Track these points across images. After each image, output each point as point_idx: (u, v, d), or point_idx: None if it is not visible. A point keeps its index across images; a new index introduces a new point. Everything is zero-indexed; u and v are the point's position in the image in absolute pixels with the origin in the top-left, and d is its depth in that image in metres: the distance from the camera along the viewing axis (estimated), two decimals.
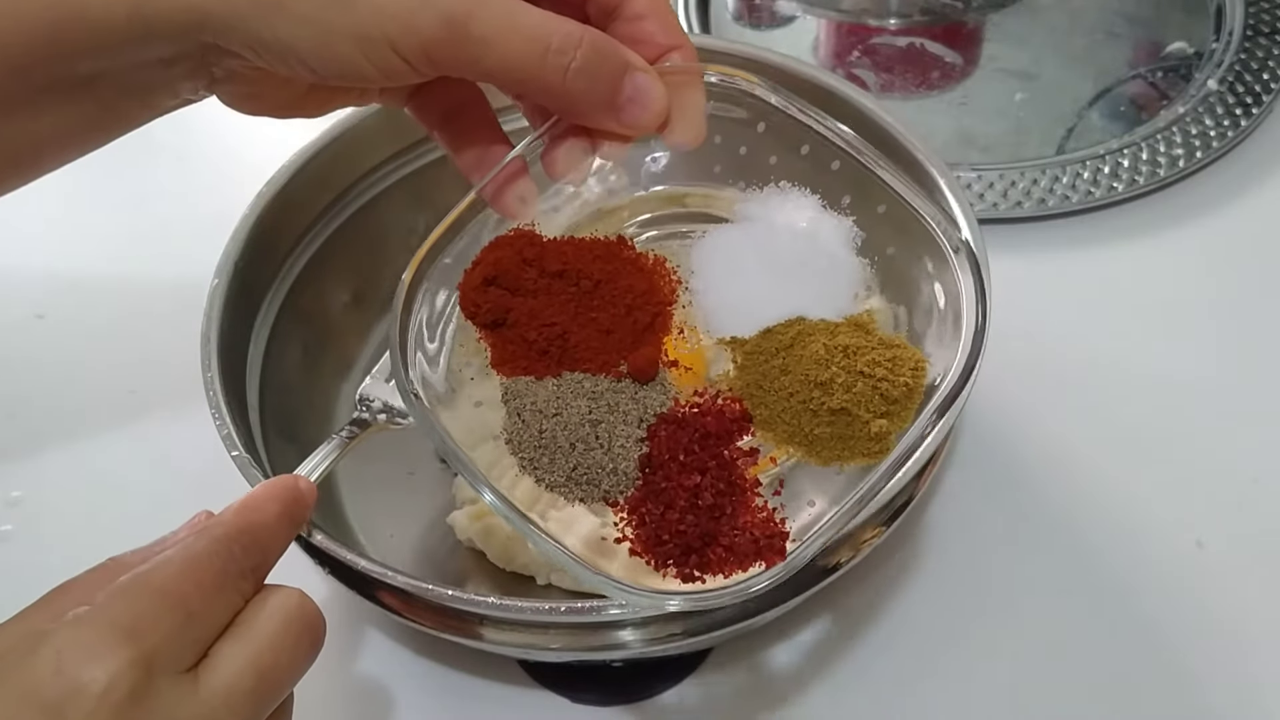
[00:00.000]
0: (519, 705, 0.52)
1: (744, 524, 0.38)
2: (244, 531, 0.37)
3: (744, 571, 0.37)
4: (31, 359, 0.68)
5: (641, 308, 0.42)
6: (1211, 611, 0.53)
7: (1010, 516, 0.57)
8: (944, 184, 0.55)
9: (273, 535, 0.38)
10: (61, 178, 0.47)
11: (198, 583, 0.35)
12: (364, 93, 0.44)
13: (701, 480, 0.38)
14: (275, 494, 0.39)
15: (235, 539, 0.37)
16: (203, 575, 0.35)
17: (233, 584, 0.36)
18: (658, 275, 0.42)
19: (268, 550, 0.38)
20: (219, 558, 0.36)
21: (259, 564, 0.37)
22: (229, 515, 0.38)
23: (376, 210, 0.63)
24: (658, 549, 0.38)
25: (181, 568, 0.35)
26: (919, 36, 0.84)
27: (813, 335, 0.40)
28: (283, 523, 0.39)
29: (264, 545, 0.38)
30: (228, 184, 0.61)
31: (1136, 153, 0.71)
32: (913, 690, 0.52)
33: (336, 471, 0.58)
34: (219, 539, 0.36)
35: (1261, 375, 0.62)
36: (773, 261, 0.42)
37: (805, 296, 0.41)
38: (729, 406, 0.40)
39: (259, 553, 0.37)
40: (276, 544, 0.39)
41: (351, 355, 0.63)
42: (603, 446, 0.39)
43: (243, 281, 0.54)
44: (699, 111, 0.41)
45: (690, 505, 0.38)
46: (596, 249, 0.42)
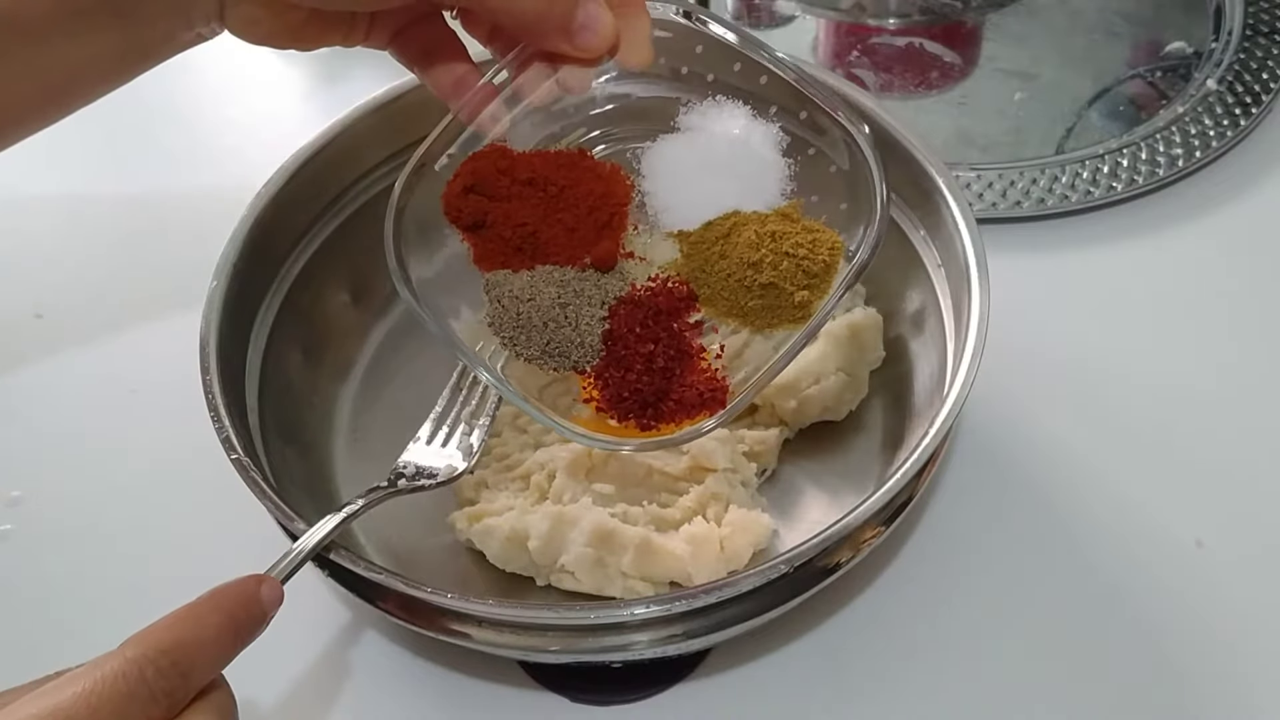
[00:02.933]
0: (519, 706, 0.52)
1: (691, 382, 0.45)
2: (166, 652, 0.34)
3: (692, 420, 0.45)
4: (31, 359, 0.68)
5: (601, 208, 0.48)
6: (1211, 611, 0.53)
7: (1010, 516, 0.57)
8: (943, 184, 0.55)
9: (204, 654, 0.36)
10: (62, 178, 0.47)
11: (93, 710, 0.32)
12: (352, 31, 0.48)
13: (655, 349, 0.45)
14: (221, 604, 0.37)
15: (153, 660, 0.34)
16: (103, 704, 0.33)
17: (140, 711, 0.34)
18: (614, 180, 0.48)
19: (193, 672, 0.35)
20: (126, 682, 0.33)
21: (178, 688, 0.35)
22: (158, 629, 0.35)
23: (376, 210, 0.62)
24: (619, 405, 0.45)
25: (82, 694, 0.33)
26: (918, 36, 0.84)
27: (746, 224, 0.47)
28: (222, 640, 0.36)
29: (188, 667, 0.35)
30: (227, 184, 0.62)
31: (1136, 152, 0.71)
32: (913, 690, 0.52)
33: (335, 475, 0.58)
34: (130, 660, 0.34)
35: (1261, 375, 0.62)
36: (712, 164, 0.48)
37: (740, 193, 0.48)
38: (677, 287, 0.47)
39: (178, 676, 0.35)
40: (207, 664, 0.36)
41: (351, 356, 0.63)
42: (570, 324, 0.46)
43: (241, 283, 0.54)
44: (645, 37, 0.46)
45: (646, 369, 0.45)
46: (560, 159, 0.48)
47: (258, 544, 0.52)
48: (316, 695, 0.53)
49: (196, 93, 0.85)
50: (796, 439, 0.59)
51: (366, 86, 0.62)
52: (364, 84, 0.62)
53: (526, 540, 0.52)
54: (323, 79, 0.86)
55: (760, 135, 0.48)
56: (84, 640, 0.38)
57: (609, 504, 0.54)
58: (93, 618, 0.55)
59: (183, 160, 0.79)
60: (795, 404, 0.57)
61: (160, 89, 0.86)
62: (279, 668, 0.54)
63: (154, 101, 0.84)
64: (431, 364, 0.63)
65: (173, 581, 0.56)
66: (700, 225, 0.48)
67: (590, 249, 0.47)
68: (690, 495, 0.54)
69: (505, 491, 0.55)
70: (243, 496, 0.47)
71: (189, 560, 0.57)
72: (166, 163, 0.79)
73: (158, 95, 0.84)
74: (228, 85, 0.86)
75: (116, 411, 0.65)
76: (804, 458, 0.58)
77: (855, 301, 0.61)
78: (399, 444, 0.59)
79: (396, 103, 0.61)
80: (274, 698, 0.53)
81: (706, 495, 0.54)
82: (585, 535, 0.51)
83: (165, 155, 0.80)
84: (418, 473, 0.49)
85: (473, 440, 0.50)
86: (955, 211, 0.54)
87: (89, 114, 0.49)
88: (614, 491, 0.54)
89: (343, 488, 0.57)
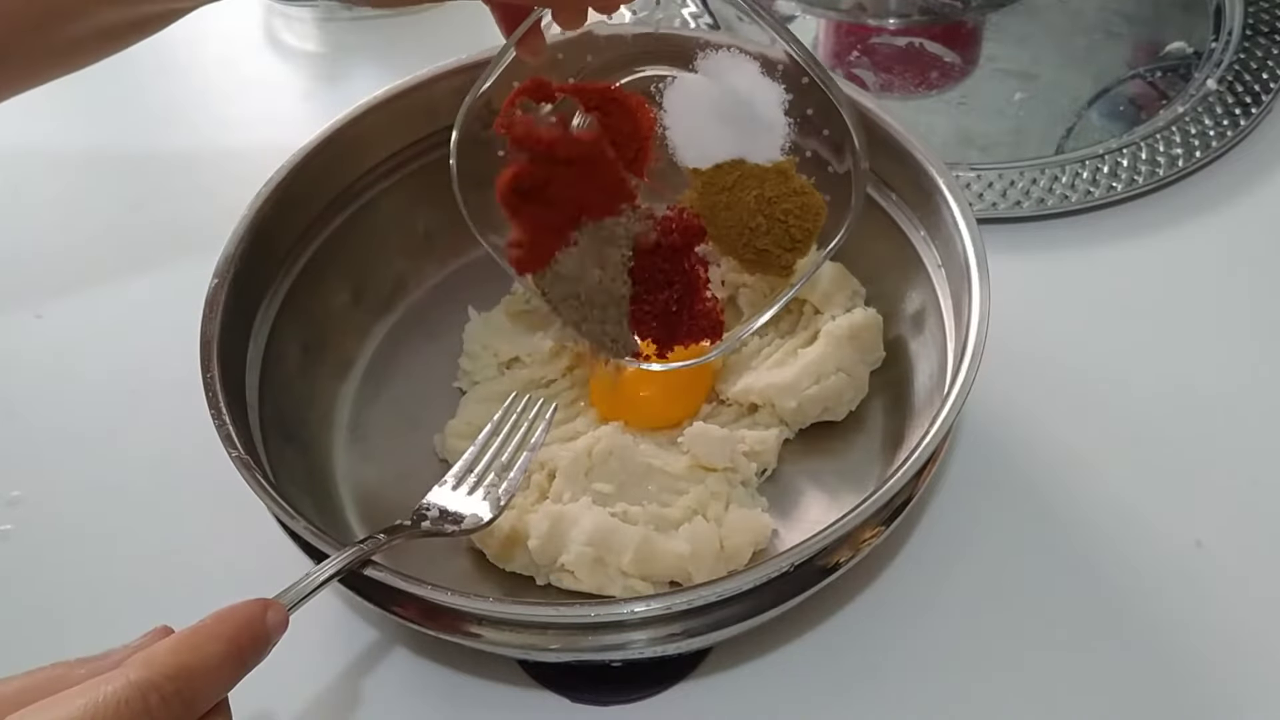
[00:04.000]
0: (519, 705, 0.52)
1: (697, 311, 0.51)
2: (169, 678, 0.33)
3: (697, 344, 0.52)
4: (31, 359, 0.68)
5: (628, 144, 0.51)
6: (1211, 611, 0.53)
7: (1009, 516, 0.57)
8: (943, 184, 0.55)
9: (207, 681, 0.35)
10: (61, 178, 0.47)
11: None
12: None
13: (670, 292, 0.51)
14: (225, 631, 0.36)
15: (157, 686, 0.33)
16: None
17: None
18: (640, 112, 0.51)
19: (196, 699, 0.34)
20: (129, 707, 0.32)
21: (181, 715, 0.34)
22: (162, 652, 0.34)
23: (376, 210, 0.63)
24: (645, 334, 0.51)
25: (79, 715, 0.32)
26: (918, 36, 0.84)
27: (747, 184, 0.51)
28: (225, 667, 0.35)
29: (192, 694, 0.34)
30: (228, 184, 0.62)
31: (1136, 152, 0.71)
32: (912, 690, 0.52)
33: (335, 473, 0.58)
34: (133, 684, 0.33)
35: (1261, 375, 0.62)
36: (725, 111, 0.51)
37: (747, 143, 0.51)
38: (691, 220, 0.51)
39: (182, 703, 0.34)
40: (210, 691, 0.35)
41: (351, 354, 0.63)
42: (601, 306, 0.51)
43: (242, 282, 0.54)
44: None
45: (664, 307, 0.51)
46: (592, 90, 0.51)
47: (257, 543, 0.52)
48: (315, 693, 0.53)
49: (197, 93, 0.86)
50: (796, 439, 0.59)
51: (366, 86, 0.62)
52: (364, 84, 0.62)
53: (526, 539, 0.52)
54: (323, 79, 0.86)
55: (768, 91, 0.50)
56: (84, 640, 0.38)
57: (609, 503, 0.54)
58: (93, 618, 0.55)
59: (183, 160, 0.79)
60: (795, 404, 0.57)
61: (161, 89, 0.86)
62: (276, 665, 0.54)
63: (154, 101, 0.84)
64: (432, 363, 0.63)
65: (173, 581, 0.56)
66: (710, 166, 0.51)
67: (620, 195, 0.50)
68: (690, 495, 0.54)
69: None
70: (243, 495, 0.47)
71: (189, 559, 0.57)
72: (167, 162, 0.79)
73: (158, 95, 0.85)
74: (228, 85, 0.86)
75: (116, 411, 0.65)
76: (804, 458, 0.58)
77: (855, 301, 0.61)
78: (399, 443, 0.60)
79: (397, 102, 0.61)
80: (272, 696, 0.53)
81: (706, 495, 0.54)
82: (585, 534, 0.51)
83: (165, 155, 0.80)
84: (442, 516, 0.49)
85: (500, 493, 0.50)
86: (955, 211, 0.54)
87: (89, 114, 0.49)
88: (614, 491, 0.54)
89: (342, 486, 0.57)
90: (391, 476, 0.58)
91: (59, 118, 0.81)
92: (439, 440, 0.59)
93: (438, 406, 0.61)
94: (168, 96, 0.85)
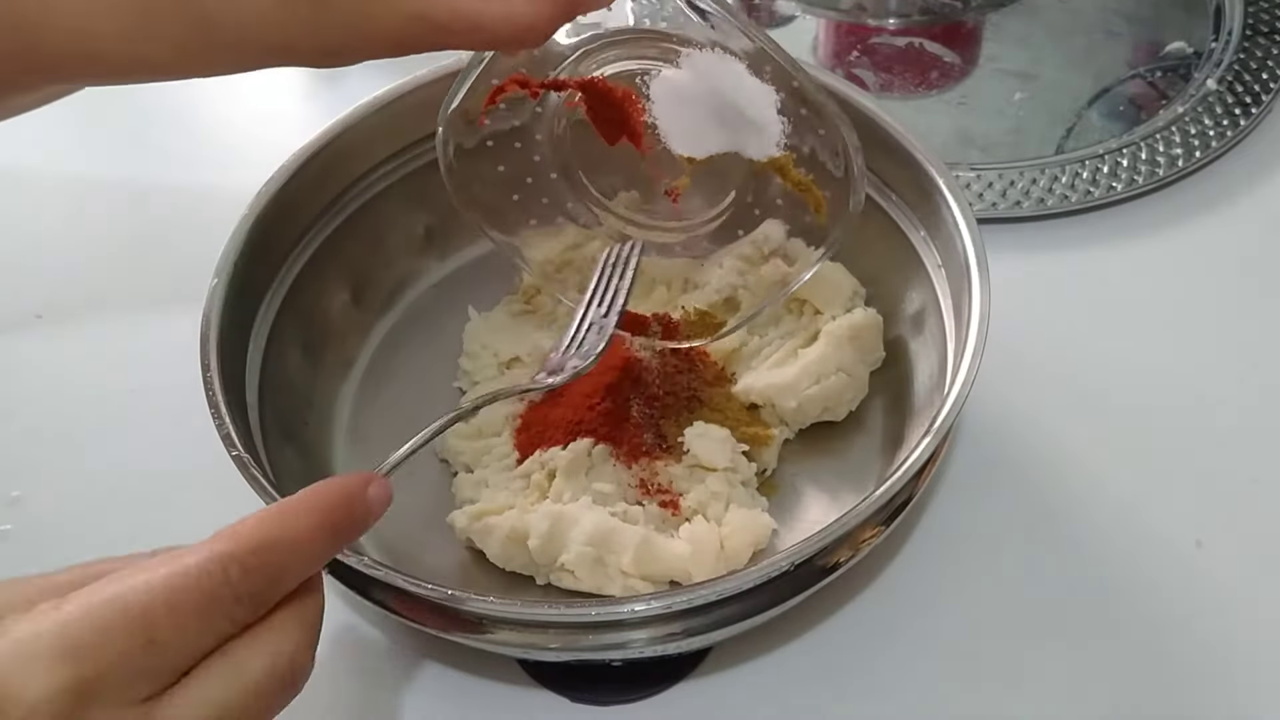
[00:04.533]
0: (519, 705, 0.52)
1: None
2: (253, 551, 0.32)
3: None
4: (31, 359, 0.68)
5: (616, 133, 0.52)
6: (1211, 611, 0.53)
7: (1009, 516, 0.57)
8: (943, 184, 0.55)
9: (296, 556, 0.34)
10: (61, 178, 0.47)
11: (172, 608, 0.31)
12: None
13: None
14: (318, 503, 0.35)
15: (238, 559, 0.32)
16: (181, 599, 0.31)
17: (221, 611, 0.32)
18: (627, 101, 0.52)
19: (282, 574, 0.33)
20: (209, 579, 0.31)
21: (264, 589, 0.33)
22: (247, 525, 0.33)
23: (376, 210, 0.63)
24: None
25: (158, 587, 0.31)
26: (918, 36, 0.84)
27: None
28: (317, 540, 0.34)
29: (277, 569, 0.33)
30: (227, 183, 0.62)
31: (1136, 152, 0.71)
32: (913, 690, 0.52)
33: (335, 473, 0.58)
34: (216, 557, 0.32)
35: (1261, 375, 0.62)
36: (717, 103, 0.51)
37: (742, 136, 0.51)
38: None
39: (265, 579, 0.33)
40: (298, 566, 0.34)
41: (351, 355, 0.63)
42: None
43: (242, 281, 0.54)
44: None
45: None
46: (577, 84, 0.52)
47: None
48: (314, 691, 0.52)
49: (196, 93, 0.85)
50: (796, 439, 0.59)
51: (366, 86, 0.62)
52: (364, 84, 0.62)
53: (526, 539, 0.52)
54: (323, 79, 0.85)
55: (759, 88, 0.50)
56: None
57: (609, 503, 0.54)
58: None
59: (183, 160, 0.79)
60: (795, 404, 0.57)
61: (160, 89, 0.86)
62: None
63: (154, 101, 0.84)
64: (432, 363, 0.63)
65: None
66: (705, 156, 0.52)
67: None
68: (690, 495, 0.54)
69: (505, 490, 0.55)
70: (243, 495, 0.47)
71: None
72: (167, 162, 0.79)
73: (158, 95, 0.85)
74: (228, 85, 0.85)
75: (116, 411, 0.65)
76: (804, 458, 0.58)
77: (855, 301, 0.61)
78: (399, 443, 0.59)
79: (397, 103, 0.61)
80: None
81: (706, 495, 0.54)
82: (585, 534, 0.51)
83: (166, 155, 0.80)
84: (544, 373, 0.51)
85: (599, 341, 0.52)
86: (955, 211, 0.54)
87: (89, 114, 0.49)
88: (614, 491, 0.54)
89: None
90: (392, 476, 0.58)
91: (59, 118, 0.81)
92: (439, 440, 0.59)
93: (438, 406, 0.60)
94: (168, 96, 0.84)
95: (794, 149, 0.51)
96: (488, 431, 0.58)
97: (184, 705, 0.31)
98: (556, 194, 0.57)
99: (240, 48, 0.39)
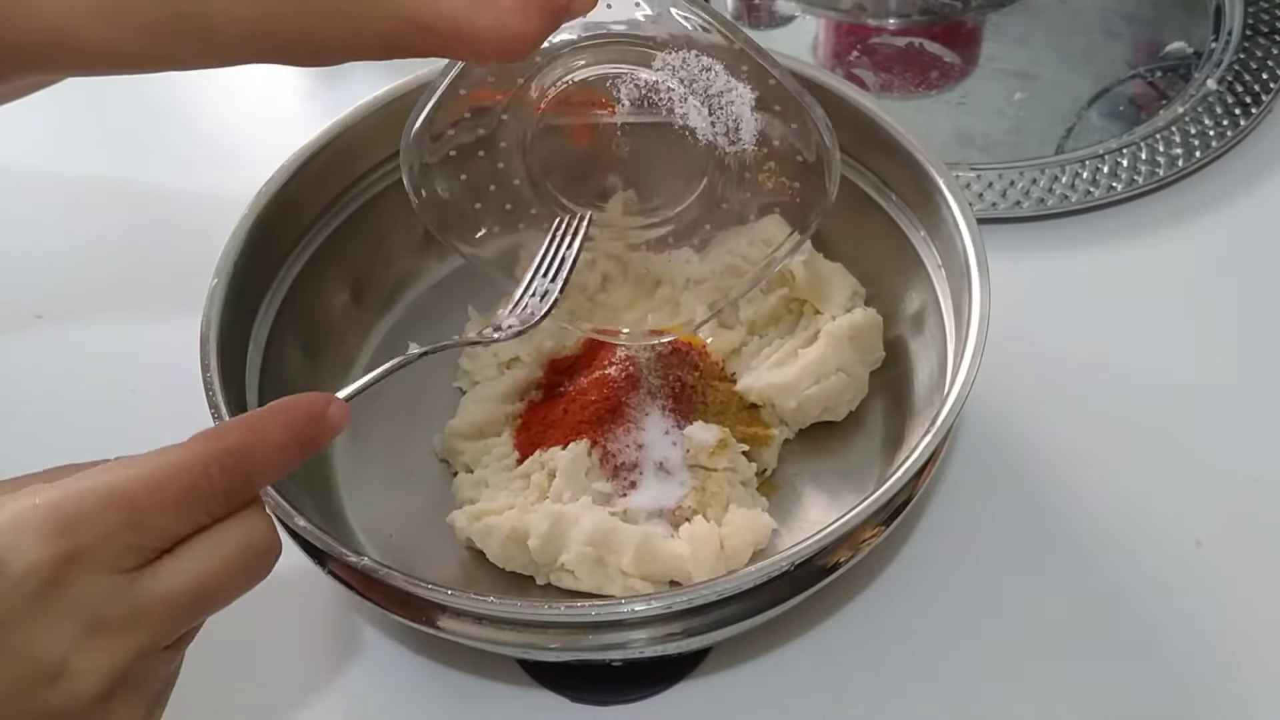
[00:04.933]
0: (519, 705, 0.52)
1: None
2: (230, 453, 0.35)
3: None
4: (31, 359, 0.68)
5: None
6: (1211, 611, 0.53)
7: (1009, 516, 0.57)
8: (943, 184, 0.55)
9: (266, 463, 0.37)
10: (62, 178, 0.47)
11: (155, 494, 0.34)
12: None
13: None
14: (286, 419, 0.37)
15: (216, 459, 0.35)
16: (164, 488, 0.34)
17: (199, 503, 0.35)
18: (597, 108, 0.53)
19: (254, 475, 0.36)
20: (189, 474, 0.34)
21: (238, 489, 0.36)
22: (225, 431, 0.36)
23: (376, 210, 0.63)
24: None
25: (143, 476, 0.34)
26: (918, 36, 0.84)
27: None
28: (285, 451, 0.37)
29: (250, 472, 0.36)
30: (227, 183, 0.61)
31: (1135, 152, 0.71)
32: (912, 689, 0.52)
33: (336, 472, 0.58)
34: (196, 455, 0.35)
35: (1261, 375, 0.63)
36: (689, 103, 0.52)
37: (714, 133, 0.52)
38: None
39: (240, 478, 0.36)
40: (268, 472, 0.37)
41: (351, 355, 0.63)
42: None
43: (242, 281, 0.54)
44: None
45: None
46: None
47: None
48: (314, 691, 0.53)
49: (196, 93, 0.85)
50: (796, 439, 0.59)
51: (366, 86, 0.62)
52: (364, 84, 0.62)
53: (526, 539, 0.52)
54: (323, 79, 0.85)
55: (733, 86, 0.51)
56: None
57: (609, 503, 0.54)
58: None
59: (183, 160, 0.79)
60: (795, 404, 0.57)
61: (161, 89, 0.86)
62: (277, 663, 0.54)
63: (154, 101, 0.84)
64: (432, 363, 0.63)
65: None
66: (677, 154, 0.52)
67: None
68: (690, 495, 0.54)
69: (505, 490, 0.55)
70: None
71: None
72: (167, 162, 0.79)
73: (158, 95, 0.85)
74: (228, 85, 0.86)
75: (116, 411, 0.65)
76: (804, 458, 0.58)
77: (855, 301, 0.61)
78: (399, 443, 0.59)
79: (397, 103, 0.61)
80: (272, 695, 0.53)
81: (706, 495, 0.54)
82: (585, 534, 0.51)
83: (166, 155, 0.80)
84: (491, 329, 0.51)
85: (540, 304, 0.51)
86: (955, 211, 0.54)
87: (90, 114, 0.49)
88: (614, 490, 0.54)
89: (342, 486, 0.57)
90: (392, 476, 0.58)
91: (59, 118, 0.81)
92: (439, 440, 0.59)
93: (438, 406, 0.61)
94: (168, 97, 0.85)
95: (767, 142, 0.51)
96: (488, 431, 0.58)
97: (166, 574, 0.34)
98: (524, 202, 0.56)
99: (214, 40, 0.39)
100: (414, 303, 0.65)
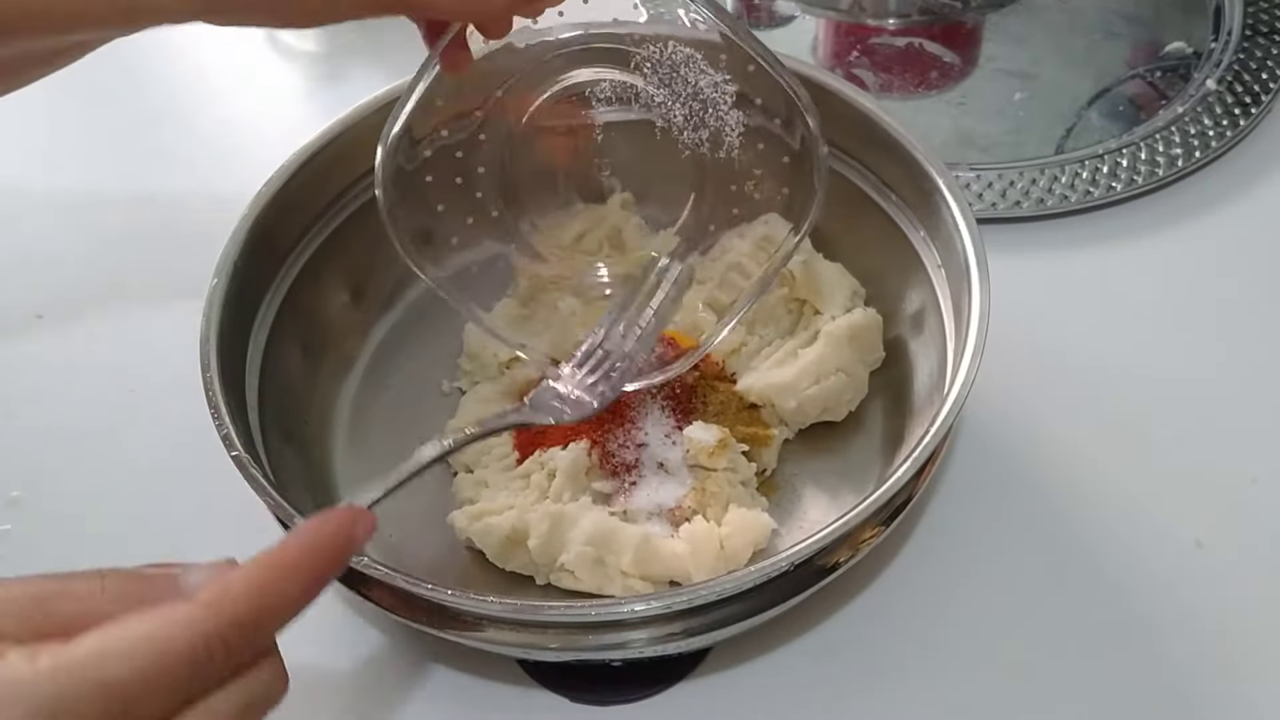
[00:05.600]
0: (519, 705, 0.52)
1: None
2: (244, 627, 0.32)
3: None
4: (31, 359, 0.68)
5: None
6: (1211, 611, 0.53)
7: (1009, 516, 0.57)
8: (943, 184, 0.55)
9: (283, 618, 0.33)
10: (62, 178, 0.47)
11: (151, 684, 0.30)
12: None
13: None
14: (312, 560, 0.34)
15: (221, 637, 0.31)
16: (162, 676, 0.30)
17: (200, 683, 0.31)
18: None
19: (268, 637, 0.33)
20: (189, 659, 0.31)
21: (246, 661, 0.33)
22: (240, 591, 0.32)
23: (376, 210, 0.63)
24: None
25: (140, 662, 0.30)
26: (918, 36, 0.84)
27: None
28: (304, 599, 0.34)
29: (264, 636, 0.33)
30: (227, 184, 0.62)
31: (1135, 152, 0.71)
32: (913, 690, 0.52)
33: (335, 473, 0.58)
34: (204, 636, 0.31)
35: (1261, 375, 0.63)
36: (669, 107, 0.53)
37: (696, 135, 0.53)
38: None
39: (251, 648, 0.32)
40: (282, 625, 0.33)
41: (351, 354, 0.63)
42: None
43: (242, 281, 0.54)
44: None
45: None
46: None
47: (257, 543, 0.52)
48: (314, 692, 0.53)
49: (196, 93, 0.85)
50: (796, 439, 0.59)
51: (366, 86, 0.62)
52: (364, 84, 0.62)
53: (526, 539, 0.52)
54: (323, 79, 0.86)
55: (714, 82, 0.51)
56: None
57: (609, 503, 0.54)
58: None
59: (183, 160, 0.79)
60: (795, 404, 0.57)
61: (161, 89, 0.86)
62: None
63: (155, 101, 0.84)
64: (432, 363, 0.63)
65: None
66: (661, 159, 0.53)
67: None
68: (690, 495, 0.54)
69: (505, 490, 0.55)
70: (243, 494, 0.47)
71: (189, 559, 0.57)
72: (167, 162, 0.79)
73: (158, 95, 0.85)
74: (228, 85, 0.86)
75: (116, 411, 0.65)
76: (804, 458, 0.58)
77: (855, 302, 0.61)
78: (399, 442, 0.59)
79: (397, 103, 0.61)
80: None
81: (706, 495, 0.54)
82: (585, 534, 0.51)
83: (166, 155, 0.80)
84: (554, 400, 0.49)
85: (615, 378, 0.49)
86: (955, 211, 0.54)
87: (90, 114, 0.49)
88: (614, 490, 0.54)
89: (342, 485, 0.57)
90: None
91: (59, 118, 0.81)
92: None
93: (438, 406, 0.61)
94: (168, 97, 0.85)
95: (751, 139, 0.51)
96: None
97: None
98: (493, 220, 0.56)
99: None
100: (414, 303, 0.65)
